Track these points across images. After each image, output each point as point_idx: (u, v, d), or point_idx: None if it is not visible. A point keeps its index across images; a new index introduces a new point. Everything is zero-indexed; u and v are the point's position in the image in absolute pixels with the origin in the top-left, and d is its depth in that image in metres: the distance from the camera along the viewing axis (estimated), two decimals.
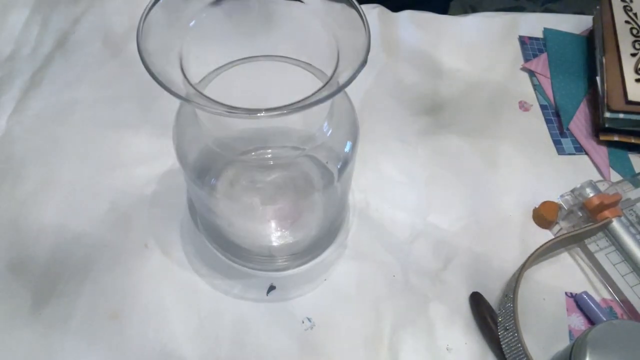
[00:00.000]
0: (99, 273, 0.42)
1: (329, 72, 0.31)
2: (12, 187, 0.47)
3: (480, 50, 0.61)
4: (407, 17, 0.63)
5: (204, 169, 0.37)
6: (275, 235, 0.43)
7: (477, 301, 0.42)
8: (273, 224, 0.42)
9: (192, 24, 0.33)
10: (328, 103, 0.34)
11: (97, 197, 0.46)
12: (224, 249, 0.44)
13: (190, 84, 0.30)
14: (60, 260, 0.43)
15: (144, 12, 0.29)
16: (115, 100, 0.53)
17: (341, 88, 0.28)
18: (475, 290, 0.43)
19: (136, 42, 0.28)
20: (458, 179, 0.51)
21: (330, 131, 0.35)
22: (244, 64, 0.37)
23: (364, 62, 0.29)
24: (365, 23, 0.30)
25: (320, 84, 0.30)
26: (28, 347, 0.39)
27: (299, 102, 0.27)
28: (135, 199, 0.46)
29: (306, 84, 0.31)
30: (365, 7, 0.39)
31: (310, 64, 0.36)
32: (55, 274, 0.42)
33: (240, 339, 0.40)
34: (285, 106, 0.27)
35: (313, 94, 0.28)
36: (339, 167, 0.37)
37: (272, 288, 0.43)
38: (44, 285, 0.42)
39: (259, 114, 0.27)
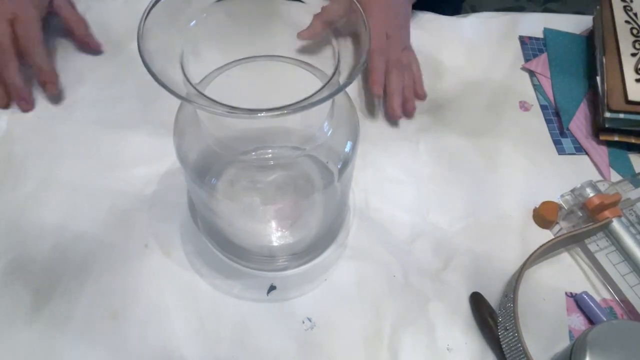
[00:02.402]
0: (99, 273, 0.42)
1: (329, 72, 0.31)
2: (13, 187, 0.47)
3: (480, 50, 0.61)
4: None
5: (204, 169, 0.37)
6: (276, 235, 0.43)
7: (477, 301, 0.42)
8: (273, 224, 0.42)
9: (192, 23, 0.33)
10: (328, 103, 0.34)
11: (97, 197, 0.46)
12: (224, 249, 0.44)
13: (191, 84, 0.30)
14: (60, 260, 0.43)
15: (144, 12, 0.29)
16: (115, 100, 0.53)
17: (341, 88, 0.28)
18: (475, 290, 0.43)
19: (137, 42, 0.28)
20: (458, 179, 0.51)
21: (330, 131, 0.35)
22: (244, 64, 0.37)
23: (364, 62, 0.29)
24: (366, 23, 0.30)
25: (320, 84, 0.30)
26: (28, 347, 0.39)
27: (299, 102, 0.27)
28: (135, 199, 0.46)
29: (306, 84, 0.31)
30: None
31: (310, 64, 0.36)
32: (55, 274, 0.42)
33: (240, 339, 0.40)
34: (285, 106, 0.27)
35: (313, 94, 0.28)
36: (339, 167, 0.37)
37: (272, 288, 0.43)
38: (44, 285, 0.41)
39: (259, 114, 0.27)
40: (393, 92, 0.53)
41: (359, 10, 0.30)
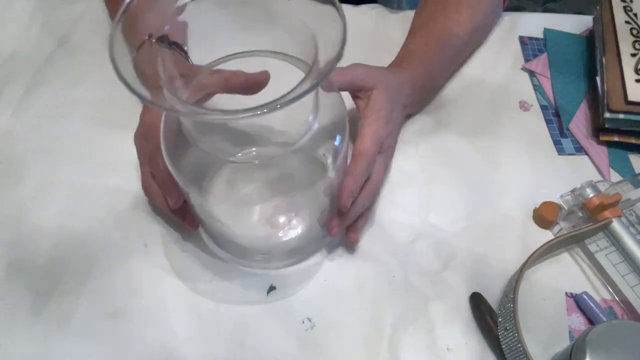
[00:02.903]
0: (99, 273, 0.42)
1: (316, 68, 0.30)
2: (13, 187, 0.47)
3: (480, 50, 0.61)
4: (407, 17, 0.63)
5: (195, 172, 0.37)
6: (272, 233, 0.43)
7: (477, 301, 0.42)
8: (269, 222, 0.42)
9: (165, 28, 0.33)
10: (311, 97, 0.33)
11: (97, 197, 0.46)
12: (224, 249, 0.44)
13: (167, 89, 0.29)
14: (60, 260, 0.43)
15: (122, 8, 0.29)
16: (115, 100, 0.53)
17: (317, 83, 0.28)
18: (475, 291, 0.43)
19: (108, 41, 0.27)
20: (458, 179, 0.50)
21: (317, 125, 0.35)
22: (228, 62, 0.36)
23: (339, 55, 0.28)
24: (342, 16, 0.29)
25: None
26: (28, 347, 0.39)
27: (276, 100, 0.26)
28: (135, 199, 0.46)
29: (294, 79, 0.30)
30: (364, 8, 0.39)
31: (297, 58, 0.35)
32: (56, 274, 0.42)
33: (240, 339, 0.40)
34: (264, 105, 0.26)
35: (290, 91, 0.28)
36: (329, 160, 0.37)
37: (272, 288, 0.43)
38: (44, 285, 0.42)
39: (236, 115, 0.26)
40: (359, 211, 0.43)
41: (334, 4, 0.30)
